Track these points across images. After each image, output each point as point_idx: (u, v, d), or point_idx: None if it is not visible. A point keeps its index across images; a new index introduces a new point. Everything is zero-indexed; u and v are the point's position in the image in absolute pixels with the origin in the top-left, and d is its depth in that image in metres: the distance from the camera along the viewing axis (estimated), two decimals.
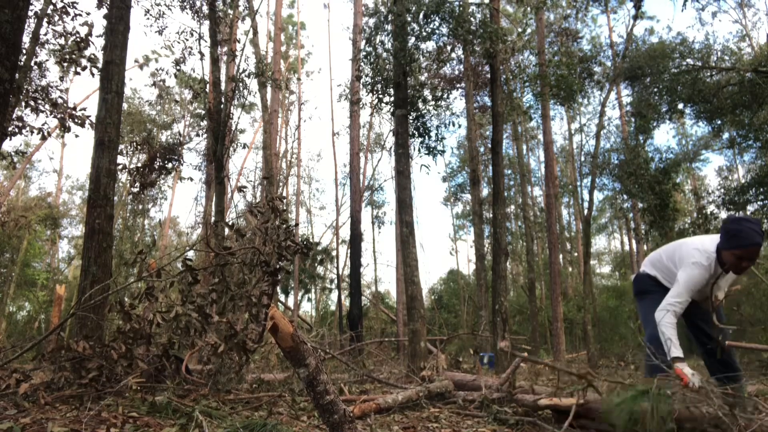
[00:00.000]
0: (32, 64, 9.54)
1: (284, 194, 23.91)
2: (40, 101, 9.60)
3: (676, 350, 2.91)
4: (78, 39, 9.29)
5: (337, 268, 21.89)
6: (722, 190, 15.52)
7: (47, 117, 9.82)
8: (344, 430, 2.19)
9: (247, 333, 4.19)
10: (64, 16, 9.38)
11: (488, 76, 11.87)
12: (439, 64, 12.50)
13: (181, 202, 77.38)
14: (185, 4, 11.08)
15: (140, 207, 24.06)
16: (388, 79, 9.32)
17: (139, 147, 15.10)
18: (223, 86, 11.03)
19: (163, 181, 21.78)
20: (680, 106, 13.98)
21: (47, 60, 10.55)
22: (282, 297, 22.03)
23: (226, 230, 7.75)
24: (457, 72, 16.83)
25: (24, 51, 8.77)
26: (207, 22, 10.93)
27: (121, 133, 6.23)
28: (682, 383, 2.80)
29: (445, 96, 13.00)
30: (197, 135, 22.64)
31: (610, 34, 22.35)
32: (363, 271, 21.39)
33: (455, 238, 32.52)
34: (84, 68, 9.17)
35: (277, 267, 4.63)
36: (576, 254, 30.03)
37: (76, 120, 9.59)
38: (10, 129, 8.85)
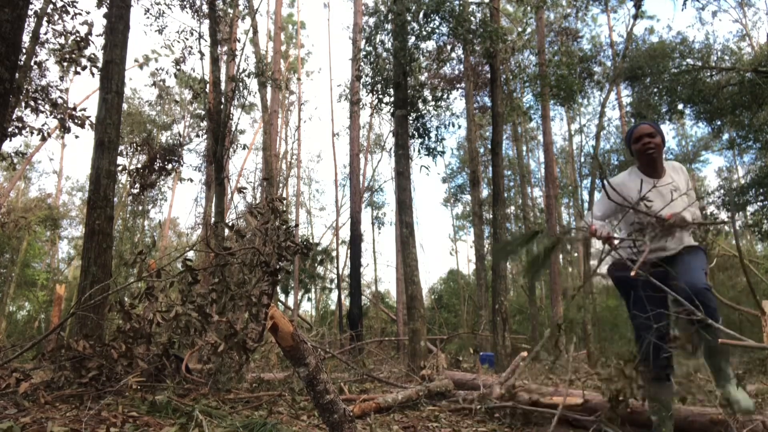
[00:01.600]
0: (32, 63, 9.54)
1: (284, 195, 23.92)
2: (40, 101, 9.60)
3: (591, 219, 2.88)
4: (78, 38, 9.29)
5: (337, 268, 21.89)
6: (722, 191, 15.54)
7: (47, 117, 9.83)
8: (344, 429, 2.19)
9: (247, 332, 4.19)
10: (64, 15, 9.38)
11: (488, 76, 11.88)
12: (439, 64, 12.50)
13: (181, 203, 77.48)
14: (185, 3, 11.09)
15: (140, 208, 24.06)
16: (388, 79, 9.32)
17: (139, 148, 15.10)
18: (223, 86, 11.03)
19: (163, 182, 21.77)
20: (680, 106, 13.98)
21: (47, 59, 10.55)
22: (282, 297, 22.04)
23: (226, 231, 7.74)
24: (457, 72, 16.84)
25: (24, 50, 8.78)
26: (207, 22, 10.93)
27: (121, 133, 6.23)
28: (590, 233, 2.76)
29: (445, 96, 13.00)
30: (197, 136, 22.64)
31: (610, 33, 22.35)
32: (363, 271, 21.38)
33: (455, 238, 32.53)
34: (84, 68, 9.17)
35: (277, 267, 4.63)
36: (576, 254, 30.02)
37: (76, 120, 9.59)
38: (9, 129, 8.85)
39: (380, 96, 9.72)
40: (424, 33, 9.03)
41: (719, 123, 14.16)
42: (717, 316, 2.53)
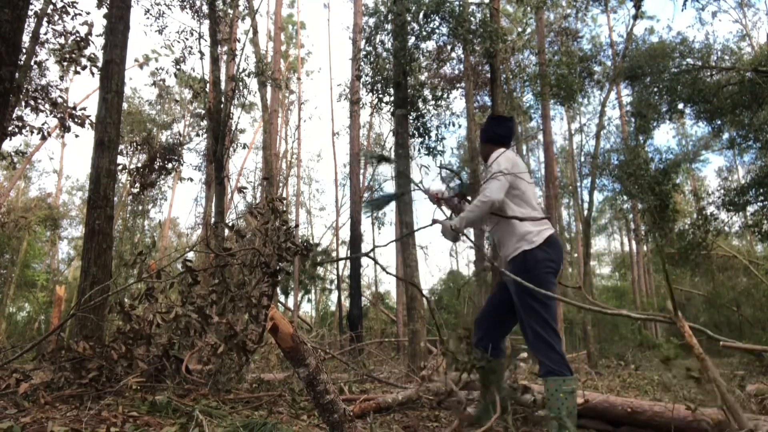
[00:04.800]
0: (32, 63, 9.54)
1: (284, 195, 23.92)
2: (40, 101, 9.60)
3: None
4: (78, 38, 9.29)
5: (337, 268, 21.90)
6: (722, 191, 15.53)
7: (47, 117, 9.84)
8: (344, 429, 2.19)
9: (247, 333, 4.19)
10: (64, 15, 9.38)
11: (488, 75, 11.87)
12: (439, 64, 12.50)
13: (181, 203, 77.48)
14: (185, 3, 11.09)
15: (140, 208, 24.06)
16: (388, 78, 9.32)
17: (139, 147, 15.11)
18: (223, 86, 11.03)
19: (163, 182, 21.77)
20: (680, 106, 13.97)
21: (47, 59, 10.57)
22: (282, 298, 22.04)
23: (226, 231, 7.74)
24: (457, 72, 16.82)
25: (24, 50, 8.77)
26: (207, 22, 10.93)
27: (121, 133, 6.23)
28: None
29: (445, 96, 13.00)
30: (197, 135, 22.65)
31: (610, 33, 22.36)
32: (363, 272, 21.38)
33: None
34: (84, 68, 9.16)
35: (277, 268, 4.62)
36: (576, 255, 30.03)
37: (76, 120, 9.59)
38: (10, 129, 8.85)
39: (380, 95, 9.72)
40: (424, 33, 9.02)
41: (719, 122, 14.16)
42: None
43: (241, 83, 11.13)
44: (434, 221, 3.16)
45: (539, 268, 2.85)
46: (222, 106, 10.44)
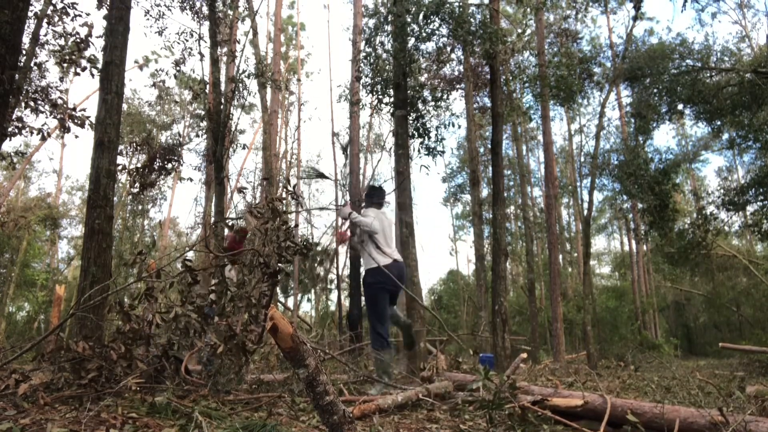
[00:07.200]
0: (32, 64, 9.54)
1: (284, 195, 23.90)
2: (39, 102, 9.59)
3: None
4: (78, 40, 9.28)
5: (337, 268, 21.87)
6: (722, 191, 15.53)
7: (47, 118, 9.82)
8: (344, 430, 2.19)
9: (246, 334, 4.19)
10: (64, 16, 9.37)
11: (488, 76, 11.87)
12: (439, 65, 12.50)
13: (181, 203, 77.52)
14: (185, 4, 11.08)
15: (140, 207, 24.06)
16: (388, 79, 9.32)
17: (138, 147, 15.10)
18: (222, 87, 11.01)
19: (163, 182, 21.76)
20: (680, 106, 13.98)
21: (47, 61, 10.54)
22: (282, 297, 22.01)
23: (226, 231, 7.73)
24: (456, 73, 16.84)
25: (24, 52, 8.77)
26: (207, 23, 10.92)
27: (120, 133, 6.24)
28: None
29: (445, 97, 12.99)
30: (197, 136, 22.66)
31: (610, 34, 22.39)
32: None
33: (455, 238, 32.55)
34: (84, 69, 9.15)
35: (277, 268, 4.62)
36: (576, 255, 30.05)
37: (75, 120, 9.58)
38: (9, 130, 8.84)
39: (380, 96, 9.70)
40: (424, 34, 9.01)
41: (719, 123, 14.16)
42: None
43: (240, 84, 11.12)
44: (343, 204, 5.25)
45: (370, 282, 5.16)
46: (222, 107, 10.43)
